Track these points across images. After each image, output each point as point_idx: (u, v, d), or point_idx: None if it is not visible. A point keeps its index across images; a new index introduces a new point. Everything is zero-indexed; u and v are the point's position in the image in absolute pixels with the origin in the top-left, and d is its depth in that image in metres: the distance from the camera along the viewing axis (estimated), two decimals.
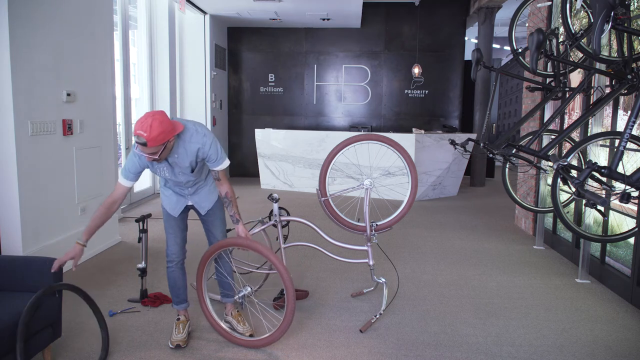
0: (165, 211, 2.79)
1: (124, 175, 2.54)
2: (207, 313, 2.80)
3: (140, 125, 2.27)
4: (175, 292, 2.83)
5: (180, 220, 2.79)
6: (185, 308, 2.87)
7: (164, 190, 2.78)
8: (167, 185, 2.74)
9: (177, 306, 2.85)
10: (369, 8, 9.01)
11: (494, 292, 3.63)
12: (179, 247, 2.79)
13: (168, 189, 2.75)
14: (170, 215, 2.76)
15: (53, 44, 3.74)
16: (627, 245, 3.53)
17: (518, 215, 5.89)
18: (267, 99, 9.84)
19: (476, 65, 3.80)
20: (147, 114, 2.32)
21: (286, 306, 2.55)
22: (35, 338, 2.25)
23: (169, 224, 2.78)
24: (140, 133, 2.25)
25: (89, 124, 4.25)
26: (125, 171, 2.53)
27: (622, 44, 3.01)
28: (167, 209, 2.76)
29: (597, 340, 2.88)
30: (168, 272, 2.82)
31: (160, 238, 4.88)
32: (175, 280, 2.81)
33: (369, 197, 3.15)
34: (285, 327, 2.57)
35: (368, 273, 3.66)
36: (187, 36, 8.42)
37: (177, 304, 2.85)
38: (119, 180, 2.56)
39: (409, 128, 8.92)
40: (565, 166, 2.85)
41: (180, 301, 2.84)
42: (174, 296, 2.85)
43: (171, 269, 2.80)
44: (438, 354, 2.68)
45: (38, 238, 3.60)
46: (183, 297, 2.85)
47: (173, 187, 2.72)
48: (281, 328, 2.58)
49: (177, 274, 2.81)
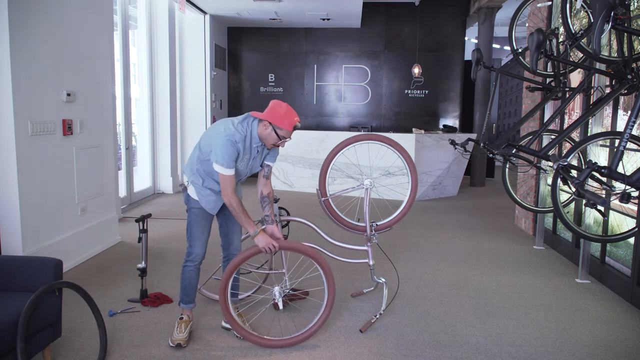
0: (196, 212, 2.73)
1: (227, 166, 2.50)
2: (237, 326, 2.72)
3: (293, 112, 2.54)
4: (187, 291, 2.82)
5: (208, 222, 2.78)
6: (192, 308, 2.86)
7: (202, 190, 2.69)
8: (205, 184, 2.68)
9: (185, 305, 2.83)
10: (369, 8, 9.02)
11: (494, 292, 3.63)
12: (204, 248, 2.78)
13: (206, 189, 2.69)
14: (202, 216, 2.73)
15: (53, 44, 3.74)
16: (627, 245, 3.53)
17: (518, 215, 5.89)
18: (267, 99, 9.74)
19: (476, 65, 3.80)
20: (281, 103, 2.54)
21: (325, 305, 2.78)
22: (35, 338, 2.25)
23: (199, 224, 2.75)
24: (298, 119, 2.56)
25: (89, 124, 4.25)
26: (228, 161, 2.49)
27: (622, 44, 3.01)
28: (207, 207, 2.71)
29: (597, 340, 2.88)
30: (185, 270, 2.79)
31: (160, 238, 4.88)
32: (190, 280, 2.80)
33: (369, 197, 3.15)
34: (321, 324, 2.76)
35: (368, 273, 3.66)
36: (187, 36, 8.42)
37: (186, 303, 2.83)
38: (225, 173, 2.51)
39: (409, 128, 8.92)
40: (565, 166, 2.85)
41: (189, 300, 2.83)
42: (185, 295, 2.83)
43: (190, 268, 2.78)
44: (438, 354, 2.68)
45: (38, 238, 3.60)
46: (193, 297, 2.84)
47: (212, 185, 2.67)
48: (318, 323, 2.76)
49: (193, 274, 2.80)
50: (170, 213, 6.07)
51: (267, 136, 2.56)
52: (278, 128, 2.52)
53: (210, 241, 2.90)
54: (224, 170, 2.50)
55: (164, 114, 7.39)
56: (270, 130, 2.54)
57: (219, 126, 2.59)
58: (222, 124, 2.59)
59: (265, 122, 2.53)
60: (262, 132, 2.56)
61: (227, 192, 2.54)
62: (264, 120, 2.54)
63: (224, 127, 2.54)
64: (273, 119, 2.51)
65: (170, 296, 3.36)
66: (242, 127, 2.55)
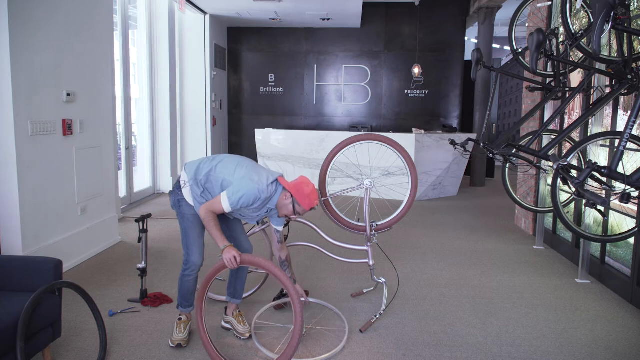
0: (190, 218, 2.71)
1: (231, 205, 2.51)
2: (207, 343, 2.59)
3: (315, 195, 2.63)
4: (186, 297, 2.81)
5: (203, 228, 2.75)
6: (190, 312, 2.86)
7: (198, 199, 2.66)
8: (203, 195, 2.66)
9: (184, 309, 2.83)
10: (369, 8, 9.02)
11: (494, 292, 3.63)
12: (202, 257, 2.75)
13: (203, 199, 2.67)
14: (196, 222, 2.71)
15: (53, 44, 3.74)
16: (627, 245, 3.53)
17: (518, 215, 5.89)
18: (267, 99, 9.85)
19: (476, 65, 3.80)
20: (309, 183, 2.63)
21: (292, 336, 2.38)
22: (35, 338, 2.25)
23: (193, 232, 2.72)
24: (317, 202, 2.66)
25: (89, 124, 4.25)
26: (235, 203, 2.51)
27: (622, 44, 3.01)
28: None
29: (597, 340, 2.88)
30: (184, 279, 2.76)
31: (160, 238, 4.88)
32: (189, 288, 2.79)
33: (369, 197, 3.15)
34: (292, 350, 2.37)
35: (368, 273, 3.66)
36: (187, 36, 8.42)
37: (185, 307, 2.83)
38: (223, 205, 2.51)
39: (409, 128, 8.92)
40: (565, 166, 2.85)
41: (188, 305, 2.83)
42: (184, 300, 2.82)
43: (189, 277, 2.75)
44: (438, 354, 2.68)
45: (38, 238, 3.60)
46: (191, 302, 2.83)
47: (209, 199, 2.66)
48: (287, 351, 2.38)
49: (192, 283, 2.78)
50: (170, 213, 6.07)
51: (284, 206, 2.64)
52: (297, 204, 2.60)
53: (209, 241, 2.89)
54: (226, 204, 2.52)
55: (164, 114, 7.39)
56: (290, 202, 2.61)
57: (255, 174, 2.58)
58: (258, 174, 2.59)
59: (289, 193, 2.61)
60: (281, 201, 2.63)
61: (208, 211, 2.54)
62: (289, 191, 2.62)
63: (259, 179, 2.55)
64: (297, 194, 2.60)
65: (170, 296, 3.36)
66: (271, 189, 2.61)
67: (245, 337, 2.79)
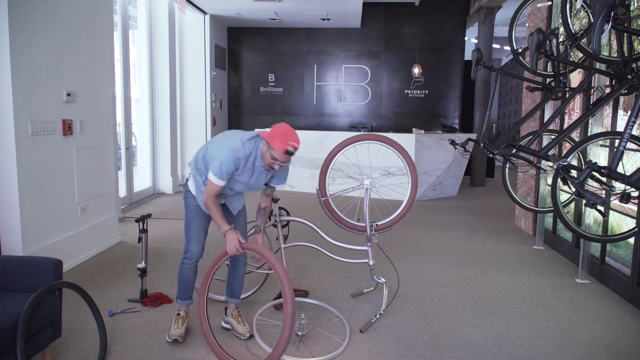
0: (193, 210, 2.76)
1: (220, 177, 2.49)
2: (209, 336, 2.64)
3: (290, 135, 2.46)
4: (184, 287, 2.85)
5: (206, 221, 2.80)
6: (188, 304, 2.89)
7: (201, 187, 2.69)
8: (205, 182, 2.66)
9: (182, 301, 2.87)
10: (369, 8, 9.02)
11: (494, 292, 3.63)
12: (201, 247, 2.81)
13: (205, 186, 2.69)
14: (199, 214, 2.76)
15: (53, 44, 3.74)
16: (627, 245, 3.53)
17: (518, 215, 5.89)
18: (267, 99, 9.85)
19: (476, 65, 3.80)
20: (284, 125, 2.51)
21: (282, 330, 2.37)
22: (35, 338, 2.25)
23: (194, 223, 2.77)
24: (294, 144, 2.45)
25: (89, 124, 4.25)
26: (222, 173, 2.49)
27: (622, 44, 3.01)
28: (203, 206, 2.71)
29: (597, 341, 2.88)
30: (182, 268, 2.82)
31: (160, 238, 4.88)
32: (187, 277, 2.83)
33: (369, 197, 3.15)
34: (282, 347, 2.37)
35: (368, 273, 3.66)
36: (187, 36, 8.42)
37: (183, 299, 2.87)
38: (214, 182, 2.50)
39: (409, 128, 8.92)
40: (565, 166, 2.85)
41: (186, 297, 2.87)
42: (182, 291, 2.86)
43: (187, 266, 2.81)
44: (438, 354, 2.68)
45: (38, 238, 3.60)
46: (190, 294, 2.88)
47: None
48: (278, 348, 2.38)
49: (190, 272, 2.82)
50: (170, 213, 6.07)
51: (264, 155, 2.55)
52: (272, 149, 2.48)
53: (209, 241, 2.90)
54: (215, 179, 2.52)
55: (164, 114, 7.39)
56: (267, 149, 2.52)
57: (228, 139, 2.58)
58: (231, 137, 2.58)
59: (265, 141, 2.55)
60: (263, 152, 2.56)
61: (207, 195, 2.55)
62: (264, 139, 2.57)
63: (232, 141, 2.54)
64: (268, 138, 2.49)
65: (170, 296, 3.36)
66: (250, 145, 2.56)
67: (245, 337, 2.79)
